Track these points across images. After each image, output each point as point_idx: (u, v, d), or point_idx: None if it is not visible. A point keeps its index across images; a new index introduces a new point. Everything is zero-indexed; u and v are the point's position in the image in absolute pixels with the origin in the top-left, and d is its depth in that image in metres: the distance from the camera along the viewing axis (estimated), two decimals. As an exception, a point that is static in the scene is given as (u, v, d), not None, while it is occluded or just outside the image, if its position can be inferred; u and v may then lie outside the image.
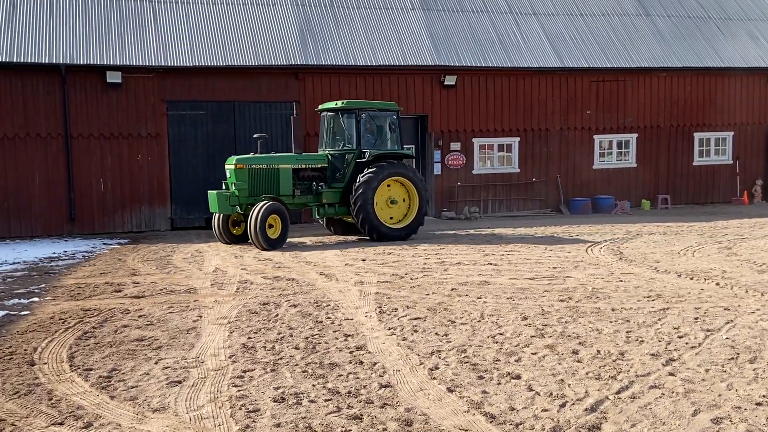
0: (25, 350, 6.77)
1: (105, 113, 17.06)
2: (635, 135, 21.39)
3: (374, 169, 14.50)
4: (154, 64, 16.98)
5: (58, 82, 16.63)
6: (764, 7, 23.95)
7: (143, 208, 17.44)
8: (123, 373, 5.99)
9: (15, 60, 16.07)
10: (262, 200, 13.78)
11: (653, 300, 8.62)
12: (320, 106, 15.66)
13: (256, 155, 14.64)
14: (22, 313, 8.49)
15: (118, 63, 16.76)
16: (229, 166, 14.32)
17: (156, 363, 6.27)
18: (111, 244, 15.05)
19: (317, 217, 15.76)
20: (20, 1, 17.25)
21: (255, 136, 15.28)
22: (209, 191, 14.22)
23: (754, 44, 22.45)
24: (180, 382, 5.72)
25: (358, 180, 14.51)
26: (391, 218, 14.88)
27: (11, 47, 16.26)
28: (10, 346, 6.91)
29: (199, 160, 17.70)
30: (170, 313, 8.30)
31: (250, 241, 13.96)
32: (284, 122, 17.92)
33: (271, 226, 13.67)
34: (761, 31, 22.99)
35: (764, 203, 22.05)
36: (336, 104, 15.24)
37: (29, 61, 16.18)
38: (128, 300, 9.12)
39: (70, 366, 6.23)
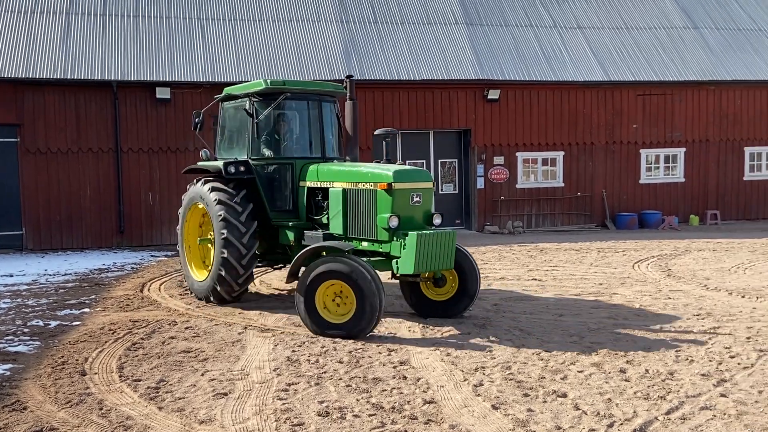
0: (76, 360, 6.94)
1: (154, 128, 17.48)
2: (683, 149, 20.96)
3: None
4: (201, 79, 17.36)
5: (109, 98, 17.12)
6: (818, 18, 23.28)
7: (189, 221, 17.75)
8: (170, 385, 6.10)
9: (69, 77, 16.60)
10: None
11: (703, 318, 8.40)
12: (239, 88, 10.04)
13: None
14: (74, 323, 8.72)
15: (168, 79, 17.18)
16: (423, 184, 8.32)
17: (202, 375, 6.36)
18: (158, 256, 15.37)
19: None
20: (74, 20, 17.86)
21: (379, 132, 9.16)
22: (414, 232, 7.73)
23: (808, 56, 21.82)
24: (226, 394, 5.80)
25: None
26: None
27: (65, 64, 16.82)
28: (62, 356, 7.10)
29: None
30: (216, 325, 8.43)
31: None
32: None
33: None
34: (815, 42, 22.34)
35: (820, 219, 21.33)
36: (307, 84, 10.24)
37: (82, 77, 16.70)
38: (175, 312, 9.29)
39: (120, 376, 6.37)
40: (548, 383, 5.99)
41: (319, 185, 9.11)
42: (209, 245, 9.83)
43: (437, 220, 8.34)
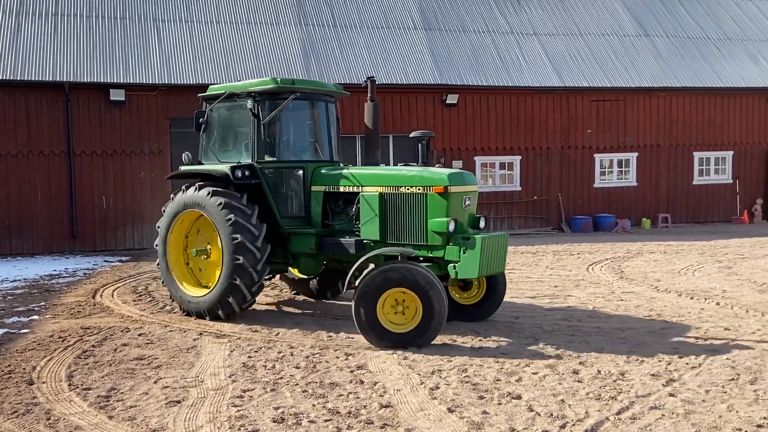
0: (24, 369, 6.75)
1: (108, 130, 17.13)
2: (635, 154, 21.44)
3: None
4: (157, 81, 17.08)
5: (61, 99, 16.72)
6: (763, 28, 24.09)
7: (145, 225, 17.44)
8: (122, 393, 5.98)
9: (18, 78, 16.17)
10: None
11: (654, 319, 8.60)
12: (242, 86, 9.23)
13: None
14: (22, 331, 8.48)
15: (122, 81, 16.86)
16: (472, 187, 8.31)
17: (155, 382, 6.25)
18: (112, 262, 15.06)
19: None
20: (24, 20, 17.40)
21: (414, 134, 8.86)
22: (478, 236, 7.56)
23: (753, 64, 22.56)
24: (179, 401, 5.71)
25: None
26: None
27: (15, 65, 16.37)
28: (9, 365, 6.90)
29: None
30: (170, 331, 8.29)
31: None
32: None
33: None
34: (760, 51, 23.10)
35: (764, 222, 22.02)
36: (314, 84, 9.70)
37: (33, 78, 16.28)
38: (128, 318, 9.11)
39: (69, 385, 6.22)
40: (503, 385, 6.05)
41: (342, 190, 8.60)
42: (204, 257, 9.06)
43: (482, 223, 8.25)
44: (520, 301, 9.88)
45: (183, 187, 9.13)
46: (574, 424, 5.12)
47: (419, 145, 8.74)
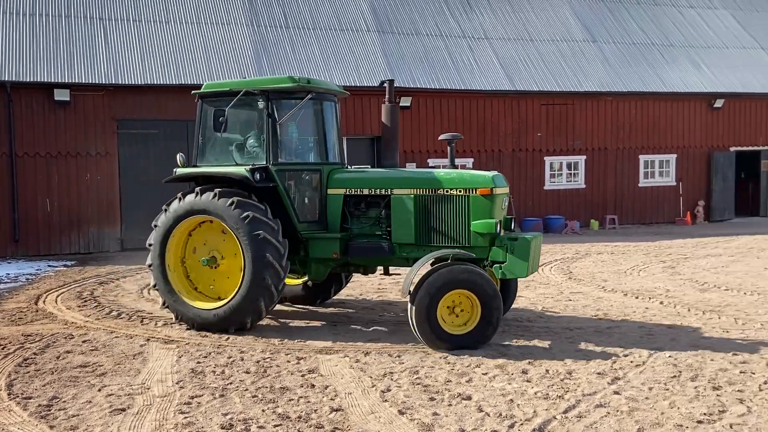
0: (-39, 378, 6.51)
1: (52, 131, 16.64)
2: (584, 157, 21.89)
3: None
4: (104, 81, 16.68)
5: (2, 99, 16.15)
6: (705, 35, 24.91)
7: (91, 229, 17.01)
8: (64, 402, 5.81)
9: (-43, 76, 15.62)
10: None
11: (600, 319, 8.80)
12: (254, 83, 8.69)
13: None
14: (-40, 339, 8.16)
15: (67, 80, 16.41)
16: (507, 189, 8.56)
17: (99, 390, 6.10)
18: (56, 267, 14.63)
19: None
20: (-36, 16, 16.81)
21: (444, 136, 9.04)
22: (527, 236, 7.74)
23: (696, 70, 23.30)
24: (124, 410, 5.58)
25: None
26: None
27: (-46, 63, 15.80)
28: (-54, 374, 6.64)
29: (150, 180, 17.34)
30: (116, 337, 8.10)
31: None
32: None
33: None
34: (702, 57, 23.88)
35: (706, 224, 22.75)
36: (327, 84, 9.35)
37: (-28, 77, 15.74)
38: (72, 324, 8.86)
39: (9, 394, 6.01)
40: (454, 386, 6.10)
41: (366, 192, 8.43)
42: (211, 266, 8.45)
43: (513, 224, 8.39)
44: (471, 302, 9.96)
45: (197, 190, 8.31)
46: (522, 424, 5.19)
47: (448, 147, 8.83)
